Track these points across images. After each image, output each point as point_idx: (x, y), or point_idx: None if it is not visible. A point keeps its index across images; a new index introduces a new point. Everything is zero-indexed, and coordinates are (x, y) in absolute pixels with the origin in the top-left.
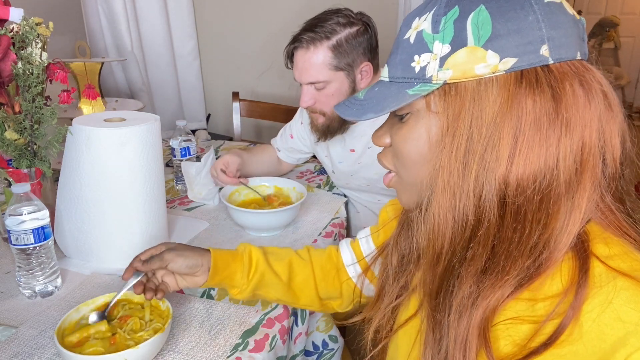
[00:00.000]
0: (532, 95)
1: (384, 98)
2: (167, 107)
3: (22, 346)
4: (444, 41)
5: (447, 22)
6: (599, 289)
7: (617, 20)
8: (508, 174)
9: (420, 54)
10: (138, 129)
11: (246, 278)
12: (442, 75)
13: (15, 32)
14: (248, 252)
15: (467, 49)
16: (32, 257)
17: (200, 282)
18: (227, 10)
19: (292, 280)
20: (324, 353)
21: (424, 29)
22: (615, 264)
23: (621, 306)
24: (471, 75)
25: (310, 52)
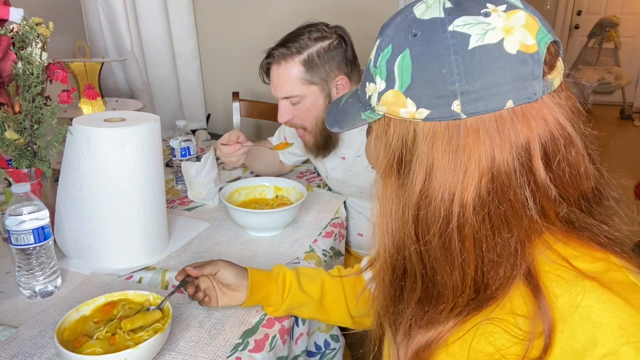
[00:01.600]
0: (442, 142)
1: (348, 114)
2: (167, 107)
3: (22, 346)
4: (382, 77)
5: (382, 60)
6: (567, 287)
7: (617, 20)
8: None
9: (368, 82)
10: (138, 129)
11: (280, 299)
12: (380, 109)
13: (15, 32)
14: (282, 275)
15: (393, 91)
16: (32, 257)
17: (240, 299)
18: (227, 10)
19: (323, 299)
20: (326, 353)
21: (371, 59)
22: (578, 264)
23: (590, 306)
24: (397, 116)
25: (283, 68)
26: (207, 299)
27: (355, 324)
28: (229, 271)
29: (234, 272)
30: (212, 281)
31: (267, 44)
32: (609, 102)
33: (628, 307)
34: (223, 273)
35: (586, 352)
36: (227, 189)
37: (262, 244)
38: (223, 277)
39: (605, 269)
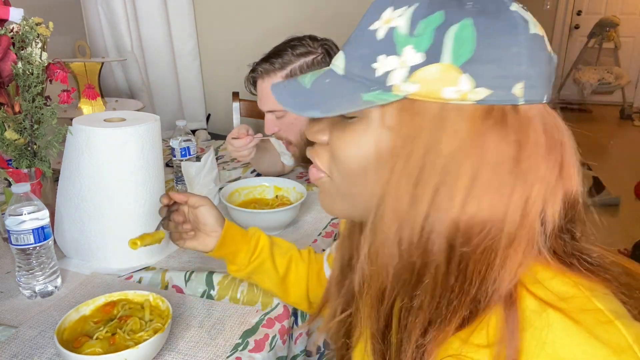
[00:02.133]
0: (497, 135)
1: (334, 96)
2: (167, 107)
3: (22, 346)
4: (419, 48)
5: (427, 28)
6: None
7: (617, 20)
8: (460, 217)
9: (386, 55)
10: (138, 129)
11: (247, 260)
12: (406, 88)
13: (15, 32)
14: (257, 237)
15: (441, 65)
16: (32, 257)
17: (209, 245)
18: (227, 10)
19: (287, 276)
20: (326, 352)
21: (397, 27)
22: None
23: (557, 343)
24: (436, 97)
25: (266, 83)
26: (192, 233)
27: (312, 308)
28: (213, 211)
29: (215, 214)
30: (187, 217)
31: (267, 44)
32: (609, 102)
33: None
34: (206, 211)
35: None
36: (227, 189)
37: None
38: (204, 214)
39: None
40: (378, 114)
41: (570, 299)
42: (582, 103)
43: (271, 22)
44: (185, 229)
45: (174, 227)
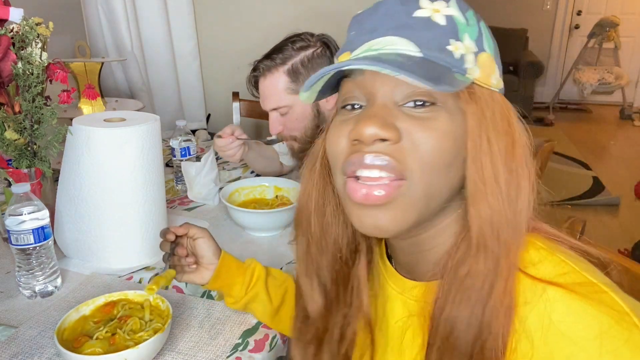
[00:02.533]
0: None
1: (439, 73)
2: (167, 107)
3: (22, 346)
4: (472, 37)
5: (473, 20)
6: (533, 305)
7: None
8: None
9: (455, 40)
10: (138, 129)
11: (243, 292)
12: (474, 72)
13: (15, 32)
14: (252, 268)
15: (486, 54)
16: (32, 257)
17: (205, 278)
18: (227, 10)
19: (281, 308)
20: None
21: (454, 15)
22: (539, 271)
23: (561, 321)
24: (488, 83)
25: (269, 80)
26: (194, 266)
27: None
28: (209, 243)
29: (212, 247)
30: (187, 248)
31: (267, 44)
32: (609, 102)
33: (598, 312)
34: (204, 243)
35: None
36: (227, 189)
37: (262, 244)
38: (202, 247)
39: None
40: (453, 98)
41: (565, 275)
42: (582, 103)
43: (271, 22)
44: (188, 262)
45: (178, 261)
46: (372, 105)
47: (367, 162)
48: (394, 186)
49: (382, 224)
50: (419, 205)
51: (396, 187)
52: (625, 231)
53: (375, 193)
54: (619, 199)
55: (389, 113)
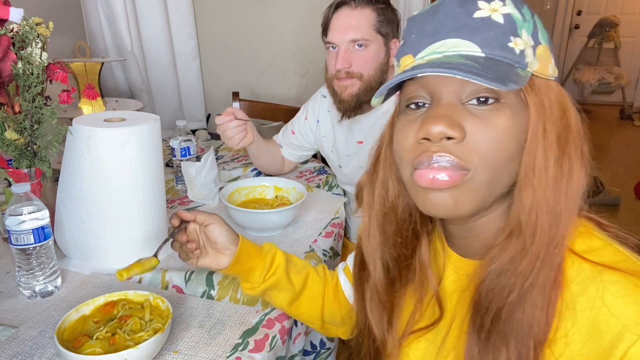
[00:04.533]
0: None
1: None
2: (167, 107)
3: (22, 346)
4: (529, 32)
5: (529, 15)
6: (585, 286)
7: (617, 20)
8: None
9: (514, 37)
10: (138, 129)
11: (262, 277)
12: (534, 65)
13: (15, 32)
14: (272, 254)
15: (543, 46)
16: (32, 257)
17: (222, 263)
18: (227, 10)
19: (302, 292)
20: (321, 352)
21: (511, 13)
22: (597, 257)
23: (613, 301)
24: (545, 73)
25: (358, 11)
26: (198, 251)
27: (323, 328)
28: (222, 229)
29: (225, 232)
30: (199, 236)
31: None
32: (609, 102)
33: None
34: (215, 229)
35: (613, 348)
36: (227, 189)
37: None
38: (214, 233)
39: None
40: (516, 92)
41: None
42: (582, 103)
43: (271, 22)
44: (190, 249)
45: (179, 248)
46: (437, 104)
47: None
48: (459, 175)
49: (447, 205)
50: (482, 192)
51: (461, 175)
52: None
53: (440, 177)
54: (619, 199)
55: (455, 112)
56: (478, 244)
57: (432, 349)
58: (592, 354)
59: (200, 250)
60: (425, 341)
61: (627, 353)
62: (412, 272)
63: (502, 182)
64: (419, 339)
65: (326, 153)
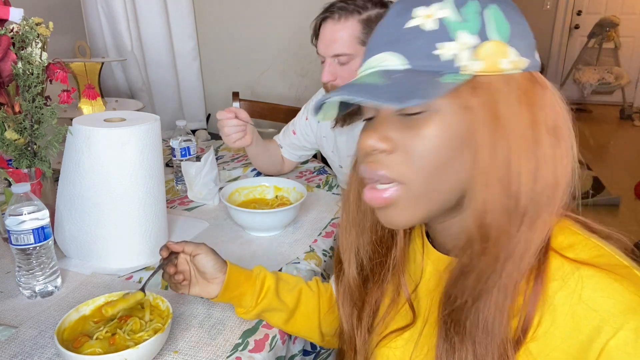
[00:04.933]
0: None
1: (416, 85)
2: (167, 107)
3: (22, 346)
4: (472, 31)
5: (472, 14)
6: (563, 281)
7: (617, 20)
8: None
9: (443, 42)
10: (138, 129)
11: (254, 302)
12: (472, 67)
13: (15, 32)
14: (262, 278)
15: (493, 42)
16: (32, 257)
17: (213, 292)
18: (227, 11)
19: (297, 310)
20: (321, 352)
21: (445, 17)
22: (575, 254)
23: (590, 295)
24: (497, 69)
25: (340, 24)
26: (186, 282)
27: (324, 342)
28: (208, 258)
29: (212, 261)
30: (189, 265)
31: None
32: (609, 102)
33: (627, 291)
34: (202, 259)
35: (592, 342)
36: (227, 189)
37: (262, 244)
38: (201, 263)
39: (598, 254)
40: (448, 99)
41: (599, 257)
42: (582, 103)
43: (271, 22)
44: (178, 280)
45: (168, 279)
46: (376, 117)
47: (366, 176)
48: (393, 190)
49: (393, 220)
50: (422, 203)
51: (395, 190)
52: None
53: (376, 197)
54: (619, 199)
55: (386, 124)
56: (455, 242)
57: (409, 347)
58: (571, 349)
59: (188, 281)
60: (402, 340)
61: (606, 346)
62: (385, 271)
63: (445, 189)
64: (396, 338)
65: (327, 153)
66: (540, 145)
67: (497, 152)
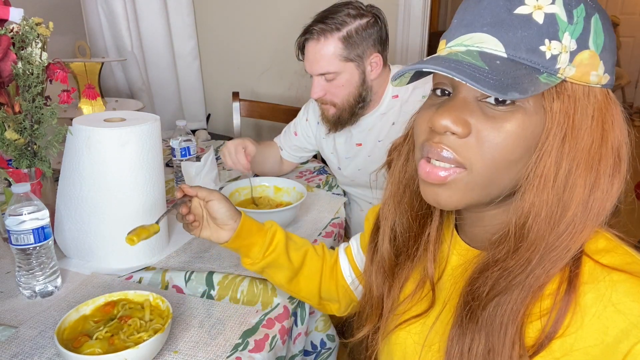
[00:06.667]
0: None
1: (516, 77)
2: (167, 107)
3: (22, 346)
4: (573, 35)
5: (579, 17)
6: (595, 284)
7: (617, 20)
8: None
9: (550, 40)
10: (138, 129)
11: (262, 254)
12: (567, 71)
13: (15, 32)
14: (273, 231)
15: (589, 52)
16: (32, 257)
17: (223, 238)
18: (227, 10)
19: (301, 269)
20: (322, 352)
21: (556, 14)
22: (607, 259)
23: (620, 299)
24: (585, 80)
25: (321, 44)
26: (197, 223)
27: (320, 305)
28: (221, 204)
29: (225, 208)
30: (202, 209)
31: (267, 44)
32: None
33: None
34: (215, 205)
35: (618, 344)
36: (227, 189)
37: None
38: (214, 208)
39: (630, 261)
40: (536, 98)
41: (631, 264)
42: None
43: (271, 22)
44: (189, 220)
45: (181, 218)
46: (454, 97)
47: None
48: (455, 172)
49: (440, 199)
50: (476, 191)
51: (456, 172)
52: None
53: (434, 173)
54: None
55: (466, 108)
56: (485, 235)
57: (425, 332)
58: (595, 350)
59: (199, 223)
60: (419, 325)
61: (633, 350)
62: (417, 248)
63: (502, 183)
64: (415, 323)
65: (326, 155)
66: (602, 163)
67: (562, 161)
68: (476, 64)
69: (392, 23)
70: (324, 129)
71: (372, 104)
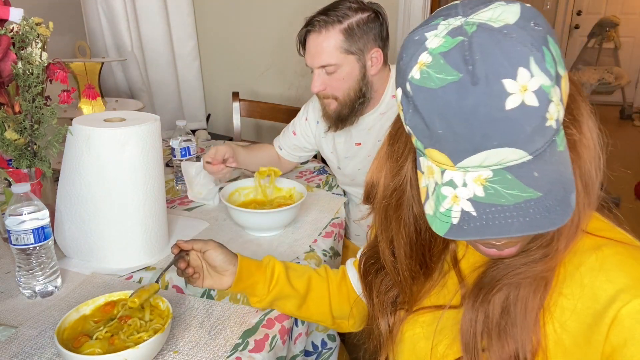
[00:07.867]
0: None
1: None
2: (167, 107)
3: (22, 346)
4: (554, 81)
5: (551, 67)
6: (587, 257)
7: (617, 20)
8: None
9: (548, 110)
10: (138, 129)
11: (267, 289)
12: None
13: (15, 32)
14: (272, 265)
15: (564, 77)
16: (32, 257)
17: (226, 283)
18: (227, 10)
19: (308, 295)
20: (323, 352)
21: (541, 84)
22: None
23: (610, 269)
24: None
25: (323, 36)
26: (197, 275)
27: (335, 324)
28: (217, 252)
29: (222, 255)
30: (201, 260)
31: (267, 43)
32: (609, 102)
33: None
34: (212, 254)
35: (606, 310)
36: (227, 189)
37: (262, 244)
38: (211, 257)
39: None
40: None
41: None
42: None
43: (271, 23)
44: (189, 274)
45: (181, 273)
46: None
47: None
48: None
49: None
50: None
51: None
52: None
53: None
54: (619, 199)
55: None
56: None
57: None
58: (587, 318)
59: (199, 274)
60: (432, 316)
61: (618, 314)
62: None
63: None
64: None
65: (326, 154)
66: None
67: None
68: (527, 196)
69: (392, 23)
70: (323, 129)
71: (372, 102)
